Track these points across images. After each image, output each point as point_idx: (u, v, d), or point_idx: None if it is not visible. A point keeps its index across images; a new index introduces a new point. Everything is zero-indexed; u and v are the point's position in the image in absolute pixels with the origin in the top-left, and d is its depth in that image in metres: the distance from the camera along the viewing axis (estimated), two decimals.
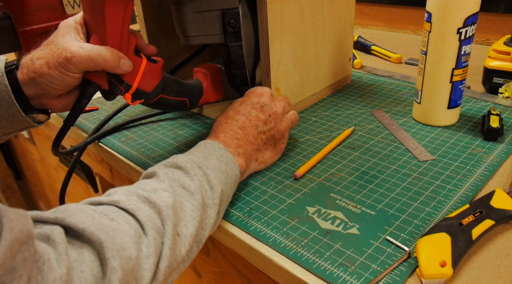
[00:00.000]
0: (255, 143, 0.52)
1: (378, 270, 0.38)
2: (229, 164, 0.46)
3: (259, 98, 0.54)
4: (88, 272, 0.30)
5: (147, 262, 0.34)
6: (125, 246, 0.33)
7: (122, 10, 0.48)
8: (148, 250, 0.35)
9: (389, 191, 0.49)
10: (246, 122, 0.51)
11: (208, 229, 0.42)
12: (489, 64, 0.70)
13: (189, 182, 0.41)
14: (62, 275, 0.27)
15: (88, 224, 0.32)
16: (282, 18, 0.59)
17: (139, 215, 0.36)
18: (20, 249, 0.24)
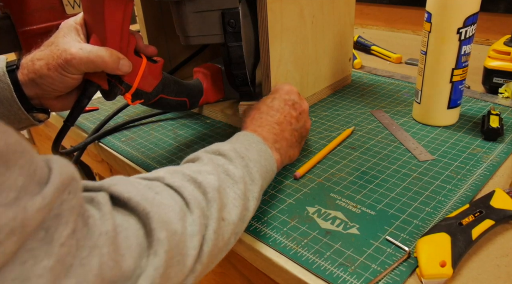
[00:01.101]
0: (290, 139, 0.51)
1: (378, 270, 0.38)
2: (268, 159, 0.46)
3: (289, 95, 0.54)
4: (133, 239, 0.29)
5: (192, 240, 0.33)
6: (171, 220, 0.32)
7: (122, 10, 0.48)
8: (193, 229, 0.34)
9: (389, 191, 0.49)
10: (281, 118, 0.51)
11: (246, 223, 0.41)
12: (489, 64, 0.70)
13: (233, 169, 0.41)
14: (107, 231, 0.27)
15: (134, 194, 0.31)
16: (282, 18, 0.59)
17: (183, 193, 0.35)
18: (68, 196, 0.24)
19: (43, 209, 0.22)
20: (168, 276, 0.30)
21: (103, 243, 0.26)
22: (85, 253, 0.25)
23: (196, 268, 0.34)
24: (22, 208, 0.21)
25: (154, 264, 0.29)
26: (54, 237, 0.23)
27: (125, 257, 0.27)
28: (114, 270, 0.26)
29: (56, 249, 0.23)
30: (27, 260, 0.21)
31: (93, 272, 0.25)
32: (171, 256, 0.31)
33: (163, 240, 0.30)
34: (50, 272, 0.22)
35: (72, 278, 0.23)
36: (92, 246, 0.25)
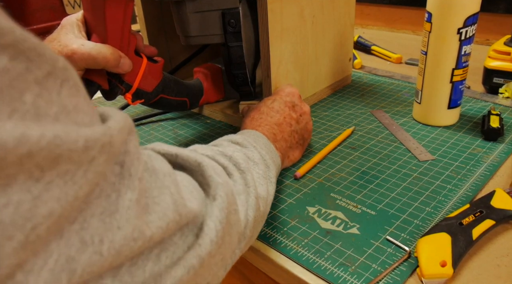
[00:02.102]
0: (289, 140, 0.52)
1: (379, 270, 0.38)
2: (273, 153, 0.46)
3: (291, 97, 0.54)
4: (191, 186, 0.29)
5: (239, 197, 0.33)
6: (219, 173, 0.32)
7: (123, 10, 0.48)
8: (238, 188, 0.34)
9: (389, 191, 0.49)
10: (281, 120, 0.51)
11: (268, 207, 0.41)
12: (489, 64, 0.70)
13: (251, 153, 0.41)
14: (170, 173, 0.27)
15: (180, 151, 0.31)
16: (282, 18, 0.59)
17: (219, 160, 0.35)
18: (130, 136, 0.23)
19: (118, 135, 0.22)
20: (230, 223, 0.30)
21: (169, 183, 0.26)
22: (155, 193, 0.24)
23: (246, 233, 0.34)
24: (108, 127, 0.21)
25: (218, 205, 0.29)
26: (132, 171, 0.22)
27: (190, 200, 0.27)
28: (186, 209, 0.26)
29: (137, 183, 0.22)
30: (110, 193, 0.21)
31: (171, 207, 0.24)
32: (230, 202, 0.30)
33: (222, 184, 0.30)
34: (136, 205, 0.22)
35: (153, 214, 0.23)
36: (160, 186, 0.25)
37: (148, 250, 0.24)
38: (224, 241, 0.29)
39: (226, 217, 0.29)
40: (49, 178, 0.18)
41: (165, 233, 0.24)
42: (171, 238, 0.25)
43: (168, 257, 0.25)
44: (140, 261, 0.23)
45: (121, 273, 0.22)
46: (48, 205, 0.17)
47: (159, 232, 0.23)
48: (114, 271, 0.22)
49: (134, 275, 0.22)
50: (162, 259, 0.24)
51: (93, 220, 0.20)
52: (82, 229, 0.19)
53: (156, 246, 0.24)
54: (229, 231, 0.30)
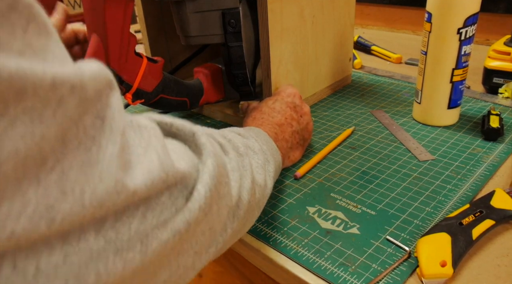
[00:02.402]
0: (290, 141, 0.52)
1: (379, 270, 0.38)
2: (273, 149, 0.46)
3: (292, 98, 0.55)
4: (181, 152, 0.28)
5: (233, 174, 0.33)
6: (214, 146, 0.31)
7: (122, 10, 0.48)
8: (232, 165, 0.33)
9: (389, 191, 0.49)
10: (282, 120, 0.51)
11: (265, 199, 0.40)
12: (489, 64, 0.70)
13: (252, 143, 0.41)
14: (156, 135, 0.26)
15: (175, 121, 0.31)
16: (282, 18, 0.59)
17: (217, 138, 0.34)
18: (110, 91, 0.22)
19: (92, 81, 0.21)
20: (219, 193, 0.30)
21: (156, 143, 0.25)
22: (140, 150, 0.24)
23: (238, 212, 0.33)
24: (79, 68, 0.20)
25: (208, 172, 0.28)
26: (113, 126, 0.22)
27: (178, 161, 0.27)
28: (173, 169, 0.25)
29: (119, 138, 0.22)
30: (91, 147, 0.20)
31: (156, 165, 0.24)
32: (221, 172, 0.30)
33: (215, 153, 0.30)
34: (118, 159, 0.21)
35: (138, 170, 0.23)
36: (146, 146, 0.24)
37: (134, 207, 0.23)
38: (212, 210, 0.29)
39: (215, 186, 0.29)
40: (13, 114, 0.17)
41: (150, 190, 0.23)
42: (159, 198, 0.25)
43: (154, 217, 0.24)
44: (125, 217, 0.22)
45: (105, 228, 0.22)
46: (13, 142, 0.17)
47: (143, 188, 0.23)
48: (98, 225, 0.21)
49: (119, 232, 0.22)
50: (148, 218, 0.24)
51: (72, 172, 0.19)
52: (61, 180, 0.19)
53: (142, 203, 0.24)
54: (218, 201, 0.30)
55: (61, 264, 0.20)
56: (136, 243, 0.23)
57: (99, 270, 0.21)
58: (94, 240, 0.21)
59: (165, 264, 0.26)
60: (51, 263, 0.19)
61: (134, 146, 0.24)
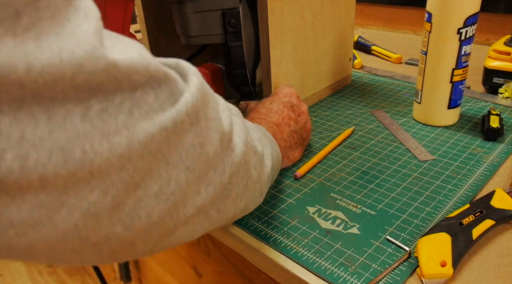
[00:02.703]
0: (288, 140, 0.52)
1: (379, 269, 0.38)
2: (271, 140, 0.46)
3: (288, 97, 0.54)
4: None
5: (224, 113, 0.33)
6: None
7: (123, 10, 0.48)
8: (222, 106, 0.33)
9: (389, 191, 0.49)
10: (280, 120, 0.52)
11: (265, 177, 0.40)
12: (489, 64, 0.70)
13: (248, 123, 0.41)
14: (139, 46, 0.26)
15: (160, 58, 0.31)
16: (283, 18, 0.59)
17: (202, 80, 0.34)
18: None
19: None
20: (206, 111, 0.29)
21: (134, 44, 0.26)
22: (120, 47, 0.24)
23: (232, 144, 0.33)
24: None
25: (194, 85, 0.28)
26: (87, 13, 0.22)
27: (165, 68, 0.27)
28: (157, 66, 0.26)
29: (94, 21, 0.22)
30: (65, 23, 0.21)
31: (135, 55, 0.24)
32: (207, 94, 0.30)
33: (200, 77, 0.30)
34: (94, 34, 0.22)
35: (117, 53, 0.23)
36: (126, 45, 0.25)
37: (120, 99, 0.23)
38: (200, 123, 0.28)
39: (202, 100, 0.29)
40: None
41: (131, 71, 0.23)
42: (144, 96, 0.25)
43: (141, 114, 0.24)
44: (110, 109, 0.23)
45: (91, 114, 0.22)
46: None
47: (124, 63, 0.23)
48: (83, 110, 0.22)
49: (105, 121, 0.22)
50: (135, 114, 0.24)
51: (49, 37, 0.20)
52: (38, 39, 0.19)
53: (128, 97, 0.24)
54: (205, 118, 0.29)
55: (47, 137, 0.20)
56: (123, 130, 0.23)
57: (84, 147, 0.21)
58: (80, 123, 0.21)
59: (154, 173, 0.26)
60: (36, 135, 0.20)
61: (113, 44, 0.24)
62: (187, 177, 0.28)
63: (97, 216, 0.23)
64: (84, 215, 0.23)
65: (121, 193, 0.24)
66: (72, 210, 0.22)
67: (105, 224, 0.24)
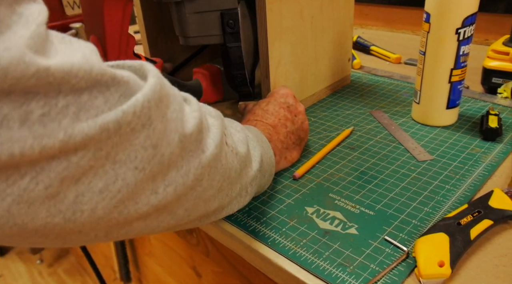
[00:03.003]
0: (285, 141, 0.52)
1: (377, 270, 0.38)
2: (264, 142, 0.46)
3: (285, 98, 0.55)
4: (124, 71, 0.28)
5: (192, 115, 0.32)
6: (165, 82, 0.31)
7: (121, 11, 0.48)
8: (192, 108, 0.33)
9: (388, 191, 0.49)
10: (276, 121, 0.52)
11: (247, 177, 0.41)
12: (488, 64, 0.70)
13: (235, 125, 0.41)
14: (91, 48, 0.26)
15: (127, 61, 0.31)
16: (282, 19, 0.59)
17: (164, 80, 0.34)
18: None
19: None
20: (163, 111, 0.29)
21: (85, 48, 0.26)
22: (66, 51, 0.24)
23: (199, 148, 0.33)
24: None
25: (149, 85, 0.28)
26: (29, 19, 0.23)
27: (116, 71, 0.27)
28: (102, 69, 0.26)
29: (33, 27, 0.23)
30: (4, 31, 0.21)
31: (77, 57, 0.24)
32: (167, 96, 0.30)
33: (160, 78, 0.30)
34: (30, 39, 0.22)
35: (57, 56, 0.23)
36: (73, 49, 0.25)
37: (63, 103, 0.23)
38: (153, 124, 0.28)
39: (157, 101, 0.28)
40: None
41: (69, 75, 0.23)
42: (92, 100, 0.25)
43: (89, 118, 0.24)
44: (53, 113, 0.23)
45: (31, 120, 0.22)
46: None
47: (58, 68, 0.23)
48: (22, 114, 0.22)
49: (47, 126, 0.23)
50: (81, 118, 0.24)
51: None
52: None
53: (72, 101, 0.24)
54: (162, 120, 0.29)
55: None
56: (59, 132, 0.23)
57: (13, 151, 0.22)
58: (18, 130, 0.22)
59: (98, 170, 0.26)
60: None
61: (56, 43, 0.24)
62: (135, 176, 0.28)
63: (30, 203, 0.24)
64: (16, 201, 0.23)
65: (55, 183, 0.24)
66: (3, 195, 0.23)
67: (42, 214, 0.25)
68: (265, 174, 0.45)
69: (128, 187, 0.28)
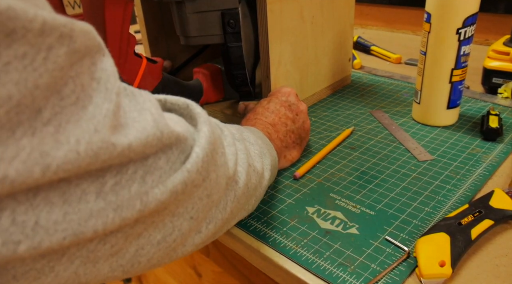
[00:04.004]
0: (284, 140, 0.52)
1: (378, 270, 0.38)
2: (268, 145, 0.46)
3: (286, 97, 0.54)
4: (177, 119, 0.28)
5: (229, 148, 0.33)
6: (210, 119, 0.31)
7: (122, 11, 0.48)
8: (228, 141, 0.34)
9: (388, 191, 0.49)
10: (276, 120, 0.51)
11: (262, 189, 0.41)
12: (488, 64, 0.70)
13: (246, 135, 0.41)
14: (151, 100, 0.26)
15: (169, 98, 0.31)
16: (282, 19, 0.59)
17: (211, 120, 0.34)
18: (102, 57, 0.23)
19: (82, 35, 0.21)
20: (216, 161, 0.30)
21: (150, 106, 0.26)
22: (135, 114, 0.24)
23: (236, 185, 0.33)
24: (70, 21, 0.20)
25: (205, 137, 0.28)
26: (108, 86, 0.22)
27: (173, 124, 0.27)
28: (168, 128, 0.26)
29: (114, 97, 0.22)
30: (87, 105, 0.21)
31: (150, 124, 0.24)
32: (216, 140, 0.30)
33: (210, 122, 0.30)
34: (113, 115, 0.22)
35: (132, 128, 0.23)
36: (140, 109, 0.25)
37: (133, 169, 0.24)
38: (210, 176, 0.29)
39: (212, 152, 0.29)
40: (6, 59, 0.17)
41: (145, 146, 0.24)
42: (156, 162, 0.25)
43: (154, 181, 0.25)
44: (124, 181, 0.23)
45: (105, 191, 0.22)
46: (6, 88, 0.17)
47: (137, 142, 0.23)
48: (98, 187, 0.22)
49: (119, 194, 0.23)
50: (148, 181, 0.24)
51: (69, 125, 0.20)
52: (57, 132, 0.19)
53: (140, 166, 0.24)
54: (216, 169, 0.30)
55: (61, 220, 0.20)
56: (136, 202, 0.24)
57: (97, 227, 0.22)
58: (94, 202, 0.22)
59: (159, 224, 0.27)
60: (51, 219, 0.20)
61: (129, 111, 0.24)
62: (190, 225, 0.29)
63: (95, 262, 0.24)
64: (84, 261, 0.23)
65: (120, 241, 0.25)
66: (72, 258, 0.23)
67: (104, 270, 0.25)
68: (272, 179, 0.46)
69: (183, 235, 0.29)
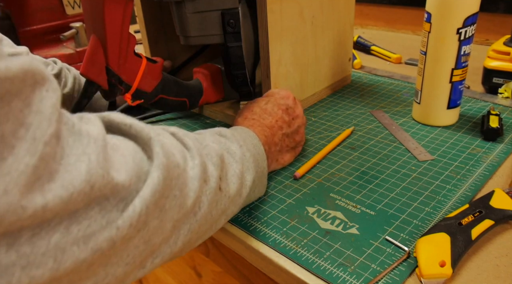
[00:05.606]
0: (279, 144, 0.51)
1: (378, 270, 0.38)
2: (260, 155, 0.46)
3: (285, 100, 0.54)
4: (129, 158, 0.27)
5: (193, 182, 0.32)
6: (173, 152, 0.30)
7: (122, 10, 0.48)
8: (194, 172, 0.32)
9: (388, 191, 0.49)
10: (273, 123, 0.51)
11: (237, 208, 0.41)
12: (489, 64, 0.70)
13: (234, 149, 0.41)
14: (96, 140, 0.24)
15: (136, 123, 0.29)
16: (282, 19, 0.59)
17: (187, 143, 0.33)
18: (46, 94, 0.22)
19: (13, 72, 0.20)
20: (162, 208, 0.28)
21: (92, 150, 0.24)
22: (72, 160, 0.23)
23: (191, 223, 0.32)
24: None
25: (151, 185, 0.27)
26: (37, 135, 0.21)
27: (119, 172, 0.25)
28: (104, 180, 0.24)
29: (40, 147, 0.21)
30: (7, 157, 0.19)
31: (81, 177, 0.23)
32: (169, 186, 0.29)
33: (165, 164, 0.28)
34: (33, 171, 0.20)
35: (58, 181, 0.22)
36: (80, 154, 0.23)
37: (56, 221, 0.22)
38: (148, 225, 0.27)
39: (157, 202, 0.27)
40: None
41: (66, 204, 0.22)
42: (86, 212, 0.23)
43: (80, 230, 0.23)
44: (43, 232, 0.21)
45: (20, 242, 0.21)
46: None
47: (56, 201, 0.21)
48: (11, 239, 0.20)
49: (35, 245, 0.21)
50: (72, 231, 0.23)
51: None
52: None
53: (65, 217, 0.22)
54: (160, 215, 0.28)
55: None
56: (49, 259, 0.22)
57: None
58: (5, 254, 0.20)
59: (89, 273, 0.25)
60: None
61: (66, 154, 0.23)
62: (125, 270, 0.27)
63: None
64: None
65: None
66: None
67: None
68: (254, 190, 0.45)
69: (117, 279, 0.27)
